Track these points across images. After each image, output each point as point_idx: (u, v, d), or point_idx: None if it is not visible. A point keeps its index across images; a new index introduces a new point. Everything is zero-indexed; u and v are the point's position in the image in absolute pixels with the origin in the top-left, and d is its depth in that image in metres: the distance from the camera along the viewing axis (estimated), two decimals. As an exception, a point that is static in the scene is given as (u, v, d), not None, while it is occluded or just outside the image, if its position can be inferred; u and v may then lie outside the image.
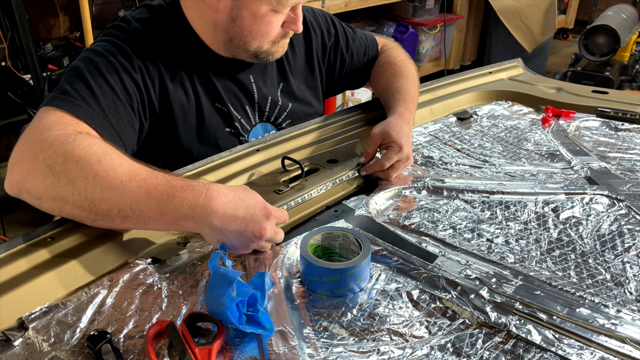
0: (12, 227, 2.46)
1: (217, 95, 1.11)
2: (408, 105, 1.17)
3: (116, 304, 0.73)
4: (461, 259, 0.84)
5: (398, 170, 1.05)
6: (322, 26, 1.30)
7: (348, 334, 0.71)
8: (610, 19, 3.24)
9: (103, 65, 0.95)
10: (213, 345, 0.66)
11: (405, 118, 1.12)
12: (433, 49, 3.85)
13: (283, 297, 0.76)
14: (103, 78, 0.93)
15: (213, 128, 1.11)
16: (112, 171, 0.77)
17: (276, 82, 1.22)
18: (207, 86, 1.10)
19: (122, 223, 0.79)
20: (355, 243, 0.82)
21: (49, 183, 0.77)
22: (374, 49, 1.38)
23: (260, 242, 0.82)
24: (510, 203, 1.00)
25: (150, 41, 1.02)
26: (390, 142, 1.05)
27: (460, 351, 0.68)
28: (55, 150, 0.78)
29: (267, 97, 1.19)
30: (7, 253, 0.76)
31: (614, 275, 0.82)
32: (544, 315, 0.72)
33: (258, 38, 1.04)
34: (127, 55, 0.98)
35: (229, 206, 0.78)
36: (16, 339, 0.67)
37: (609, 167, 1.13)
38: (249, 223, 0.79)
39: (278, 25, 1.04)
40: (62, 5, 2.69)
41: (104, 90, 0.92)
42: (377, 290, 0.79)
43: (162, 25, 1.05)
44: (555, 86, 1.54)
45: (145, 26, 1.03)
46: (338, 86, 1.39)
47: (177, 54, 1.05)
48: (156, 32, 1.04)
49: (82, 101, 0.89)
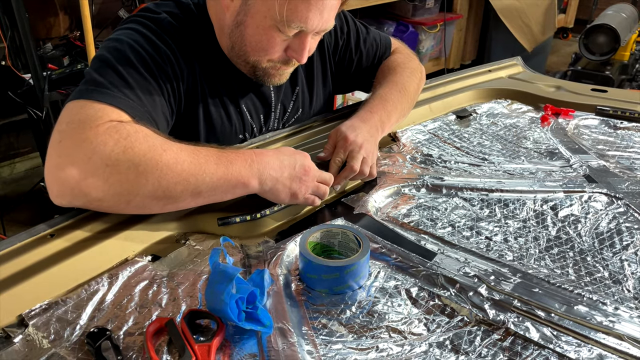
0: (13, 227, 2.46)
1: (237, 102, 1.09)
2: (379, 110, 1.12)
3: (116, 301, 0.73)
4: (460, 257, 0.84)
5: (356, 160, 1.00)
6: (336, 24, 1.25)
7: (347, 331, 0.71)
8: (610, 18, 3.24)
9: (132, 54, 0.90)
10: (212, 342, 0.66)
11: (363, 118, 1.09)
12: (433, 48, 3.85)
13: (282, 294, 0.76)
14: (133, 67, 0.89)
15: (228, 133, 1.09)
16: (179, 155, 0.80)
17: (290, 89, 1.19)
18: (229, 92, 1.08)
19: (192, 200, 0.83)
20: (354, 241, 0.82)
21: (114, 181, 0.76)
22: (386, 51, 1.33)
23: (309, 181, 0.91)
24: (509, 201, 1.00)
25: (178, 35, 0.98)
26: (339, 139, 1.04)
27: (458, 348, 0.68)
28: (111, 148, 0.75)
29: (278, 105, 1.17)
30: (7, 250, 0.76)
31: (612, 273, 0.82)
32: (542, 313, 0.72)
33: (257, 52, 0.98)
34: (156, 46, 0.94)
35: (274, 157, 0.88)
36: (16, 336, 0.67)
37: (608, 165, 1.13)
38: (294, 165, 0.90)
39: (280, 46, 0.97)
40: (62, 5, 2.69)
41: (136, 80, 0.88)
42: (376, 287, 0.79)
43: (190, 23, 1.01)
44: (555, 84, 1.55)
45: (174, 19, 0.99)
46: (347, 86, 1.35)
47: (202, 54, 1.02)
48: (184, 28, 1.00)
49: (119, 91, 0.84)
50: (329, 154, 1.04)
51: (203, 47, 1.03)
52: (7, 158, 2.94)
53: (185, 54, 0.98)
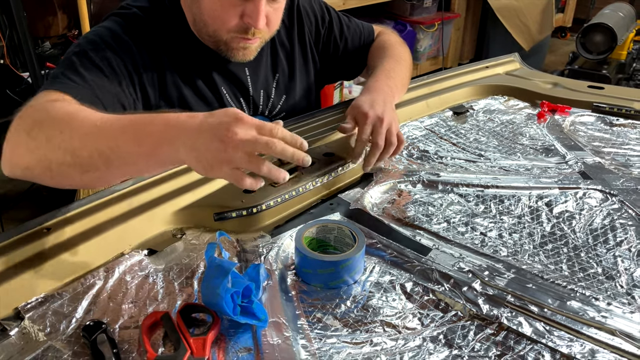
0: (11, 225, 2.46)
1: (214, 86, 1.12)
2: (384, 80, 1.15)
3: (112, 295, 0.74)
4: (455, 252, 0.84)
5: (381, 135, 1.00)
6: (317, 13, 1.29)
7: (342, 325, 0.71)
8: (607, 17, 3.25)
9: (90, 46, 0.96)
10: (208, 336, 0.66)
11: (373, 89, 1.09)
12: (431, 47, 3.85)
13: (278, 288, 0.77)
14: (88, 59, 0.94)
15: None
16: (86, 120, 0.76)
17: (271, 75, 1.22)
18: (204, 76, 1.10)
19: (107, 170, 0.74)
20: (350, 236, 0.82)
21: (32, 147, 0.77)
22: (370, 36, 1.37)
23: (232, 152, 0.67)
24: (505, 197, 1.01)
25: (147, 28, 1.03)
26: (358, 116, 1.03)
27: (452, 343, 0.69)
28: (33, 118, 0.80)
29: (260, 91, 1.19)
30: (3, 243, 0.76)
31: (605, 269, 0.83)
32: (535, 308, 0.73)
33: (214, 20, 1.00)
34: (117, 37, 0.99)
35: (198, 117, 0.71)
36: (12, 329, 0.67)
37: (603, 162, 1.14)
38: (216, 128, 0.68)
39: (234, 12, 0.98)
40: (60, 3, 2.69)
41: (87, 67, 0.93)
42: (371, 282, 0.79)
43: (159, 14, 1.06)
44: (552, 81, 1.55)
45: (143, 12, 1.04)
46: (334, 74, 1.37)
47: (174, 43, 1.06)
48: (153, 20, 1.04)
49: (65, 78, 0.90)
50: (353, 127, 1.05)
51: (174, 36, 1.06)
52: (5, 156, 2.94)
53: (151, 45, 1.02)
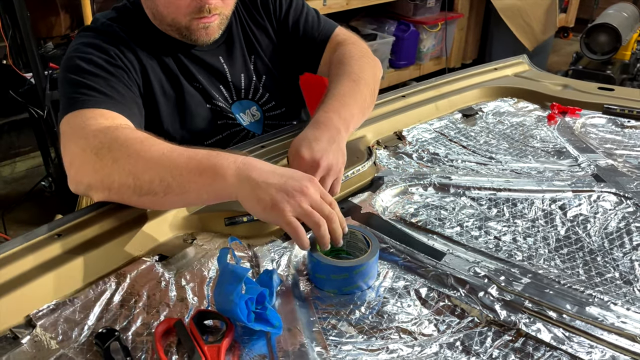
0: (13, 226, 2.46)
1: (192, 76, 1.13)
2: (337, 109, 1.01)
3: (124, 301, 0.73)
4: (469, 257, 0.83)
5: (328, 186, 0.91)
6: None
7: (357, 331, 0.70)
8: (611, 18, 3.23)
9: (84, 63, 0.97)
10: (222, 343, 0.65)
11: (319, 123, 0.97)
12: (434, 48, 3.84)
13: (291, 294, 0.76)
14: (91, 74, 0.96)
15: (195, 105, 1.12)
16: (154, 146, 0.81)
17: (248, 58, 1.22)
18: (182, 69, 1.12)
19: (165, 196, 0.79)
20: (363, 241, 0.81)
21: (98, 167, 0.82)
22: (327, 31, 1.26)
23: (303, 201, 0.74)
24: (517, 200, 1.00)
25: (120, 31, 1.05)
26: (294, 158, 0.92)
27: (469, 349, 0.68)
28: (101, 140, 0.83)
29: (240, 75, 1.20)
30: (14, 250, 0.76)
31: (623, 273, 0.82)
32: (554, 314, 0.72)
33: (168, 8, 1.01)
34: (99, 48, 1.01)
35: (266, 164, 0.79)
36: (24, 337, 0.66)
37: (616, 164, 1.12)
38: (288, 179, 0.75)
39: None
40: (63, 4, 2.68)
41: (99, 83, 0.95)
42: (385, 288, 0.78)
43: (129, 19, 1.09)
44: (561, 83, 1.54)
45: (111, 21, 1.07)
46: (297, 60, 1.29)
47: (147, 44, 1.08)
48: (124, 25, 1.07)
49: (93, 93, 0.93)
50: None
51: (145, 37, 1.08)
52: (8, 157, 2.93)
53: (127, 50, 1.04)
